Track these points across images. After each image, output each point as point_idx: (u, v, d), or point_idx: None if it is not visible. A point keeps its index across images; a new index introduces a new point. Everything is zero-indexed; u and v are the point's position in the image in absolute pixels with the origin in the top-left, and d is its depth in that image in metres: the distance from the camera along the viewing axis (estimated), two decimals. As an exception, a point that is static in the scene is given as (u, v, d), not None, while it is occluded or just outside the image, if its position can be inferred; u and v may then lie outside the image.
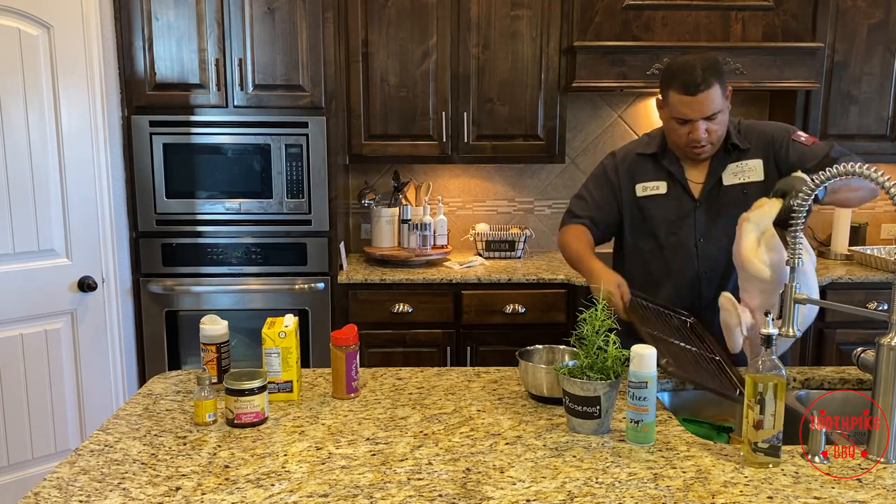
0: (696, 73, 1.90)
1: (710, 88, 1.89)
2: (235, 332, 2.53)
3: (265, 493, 1.30)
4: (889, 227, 3.82)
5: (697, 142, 1.97)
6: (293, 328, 1.74)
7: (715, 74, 1.91)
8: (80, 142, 2.82)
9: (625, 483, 1.33)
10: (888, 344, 1.41)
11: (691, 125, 1.95)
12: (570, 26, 3.28)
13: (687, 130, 1.97)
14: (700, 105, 1.91)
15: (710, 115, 1.93)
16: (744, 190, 2.03)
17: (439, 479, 1.35)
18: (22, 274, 2.73)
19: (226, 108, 3.04)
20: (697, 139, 1.96)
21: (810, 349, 3.23)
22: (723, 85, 1.93)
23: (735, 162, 2.05)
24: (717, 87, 1.90)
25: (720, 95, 1.92)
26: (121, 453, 1.46)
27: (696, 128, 1.95)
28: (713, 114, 1.93)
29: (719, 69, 1.93)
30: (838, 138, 3.40)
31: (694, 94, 1.90)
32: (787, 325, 1.65)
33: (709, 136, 1.96)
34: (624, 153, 2.21)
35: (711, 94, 1.90)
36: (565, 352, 1.78)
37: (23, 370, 2.75)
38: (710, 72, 1.90)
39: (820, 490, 1.31)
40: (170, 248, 3.09)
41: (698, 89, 1.89)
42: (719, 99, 1.92)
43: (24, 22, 2.65)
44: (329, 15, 3.01)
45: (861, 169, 1.47)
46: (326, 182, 3.08)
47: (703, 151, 2.02)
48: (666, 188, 2.11)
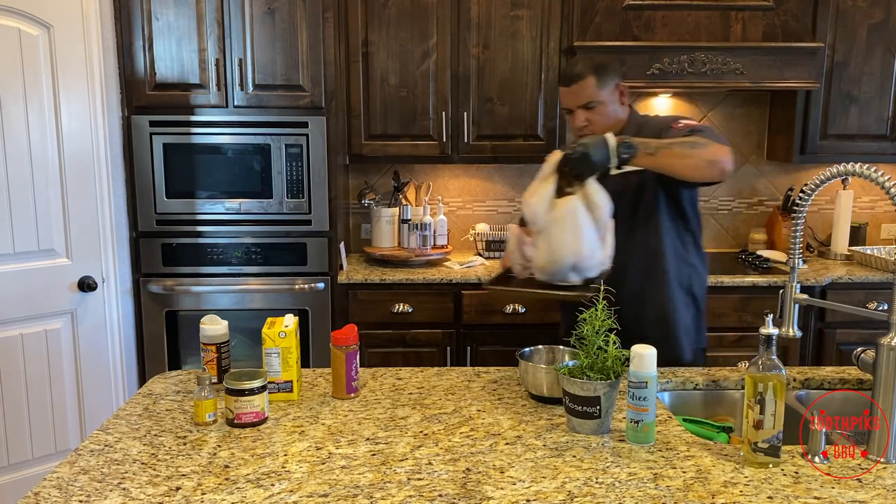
0: (575, 67, 2.11)
1: (583, 79, 2.08)
2: (235, 332, 2.52)
3: (265, 492, 1.30)
4: (889, 227, 3.82)
5: (579, 130, 2.12)
6: (293, 328, 1.74)
7: (593, 69, 2.08)
8: (80, 142, 2.82)
9: (625, 483, 1.33)
10: (888, 344, 1.41)
11: (573, 115, 2.13)
12: (570, 26, 3.28)
13: (572, 119, 2.14)
14: (573, 94, 2.11)
15: (588, 106, 2.10)
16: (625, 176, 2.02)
17: (439, 479, 1.35)
18: (22, 274, 2.73)
19: (226, 108, 3.04)
20: (576, 127, 2.13)
21: (810, 349, 3.23)
22: (603, 80, 2.09)
23: None
24: (591, 79, 2.08)
25: (595, 87, 2.08)
26: (121, 453, 1.46)
27: (575, 116, 2.13)
28: (588, 104, 2.09)
29: (602, 66, 2.10)
30: (838, 138, 3.41)
31: (567, 84, 2.12)
32: (787, 325, 1.65)
33: (590, 125, 2.11)
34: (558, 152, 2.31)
35: (584, 84, 2.08)
36: (565, 352, 1.78)
37: (23, 370, 2.76)
38: (588, 66, 2.09)
39: (820, 490, 1.31)
40: (170, 248, 3.09)
41: (572, 80, 2.10)
42: (593, 90, 2.08)
43: (24, 22, 2.65)
44: (329, 15, 3.01)
45: (861, 169, 1.47)
46: (326, 182, 3.08)
47: None
48: None
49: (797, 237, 1.62)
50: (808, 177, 3.72)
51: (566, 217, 1.82)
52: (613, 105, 2.13)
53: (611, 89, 2.12)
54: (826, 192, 3.71)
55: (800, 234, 1.63)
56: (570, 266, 1.82)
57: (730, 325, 3.18)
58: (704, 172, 1.89)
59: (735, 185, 3.78)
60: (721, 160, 1.86)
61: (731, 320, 3.17)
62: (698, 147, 1.86)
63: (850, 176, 1.49)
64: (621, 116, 2.16)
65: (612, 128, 2.09)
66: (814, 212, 3.79)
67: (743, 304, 3.16)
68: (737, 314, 3.17)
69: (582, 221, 1.82)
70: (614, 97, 2.13)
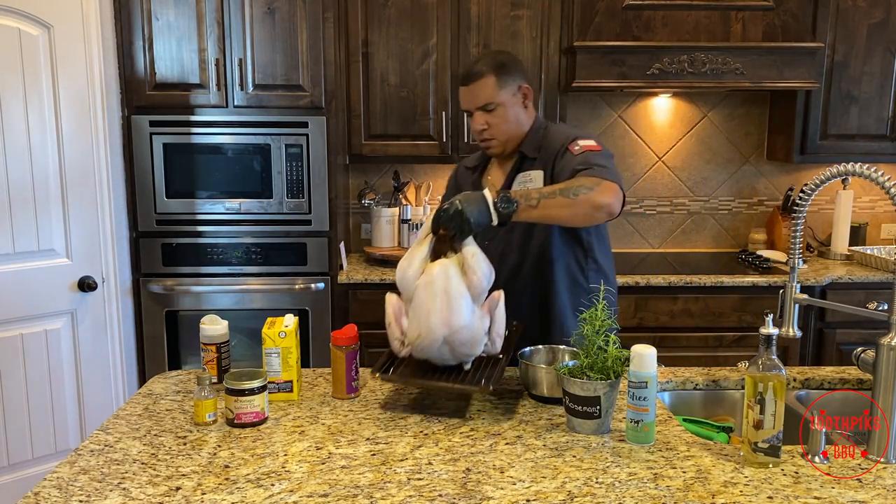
0: (474, 66, 1.96)
1: (481, 79, 1.93)
2: (235, 332, 2.52)
3: (265, 492, 1.30)
4: (889, 227, 3.82)
5: (478, 134, 1.99)
6: (293, 328, 1.74)
7: (493, 68, 1.93)
8: (80, 142, 2.82)
9: (625, 483, 1.33)
10: (888, 344, 1.41)
11: (472, 117, 1.99)
12: (570, 26, 3.28)
13: (472, 122, 2.00)
14: (472, 95, 1.96)
15: (487, 108, 1.95)
16: None
17: (439, 478, 1.35)
18: (22, 274, 2.73)
19: (226, 108, 3.04)
20: (475, 129, 1.99)
21: (810, 349, 3.23)
22: (504, 80, 1.94)
23: (525, 171, 2.00)
24: (491, 78, 1.93)
25: (495, 88, 1.93)
26: (121, 453, 1.46)
27: (474, 119, 1.98)
28: (487, 105, 1.94)
29: (503, 64, 1.95)
30: (838, 138, 3.41)
31: (466, 83, 1.96)
32: (787, 325, 1.65)
33: (490, 129, 1.97)
34: (458, 165, 2.25)
35: (482, 84, 1.93)
36: (565, 352, 1.78)
37: (23, 370, 2.75)
38: (488, 65, 1.94)
39: (820, 490, 1.31)
40: (170, 248, 3.09)
41: (471, 79, 1.95)
42: (492, 91, 1.93)
43: (24, 22, 2.65)
44: (329, 15, 3.01)
45: (861, 169, 1.47)
46: (326, 182, 3.08)
47: (490, 146, 2.01)
48: None
49: (797, 237, 1.62)
50: (808, 177, 3.72)
51: (435, 281, 1.60)
52: (515, 108, 1.98)
53: (512, 91, 1.97)
54: (826, 192, 3.71)
55: (800, 234, 1.63)
56: (442, 339, 1.59)
57: (730, 325, 3.18)
58: (590, 219, 1.79)
59: (735, 185, 3.78)
60: (607, 203, 1.72)
61: (731, 320, 3.18)
62: (583, 192, 1.72)
63: (850, 176, 1.49)
64: (524, 122, 2.01)
65: (513, 133, 1.99)
66: (814, 212, 3.79)
67: (743, 304, 3.16)
68: (737, 314, 3.17)
69: (453, 286, 1.60)
70: (516, 100, 1.98)
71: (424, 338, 1.60)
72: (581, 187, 1.73)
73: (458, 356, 1.65)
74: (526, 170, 2.00)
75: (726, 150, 3.75)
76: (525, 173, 1.99)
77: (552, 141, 1.97)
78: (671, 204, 3.79)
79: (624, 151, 3.72)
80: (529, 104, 2.02)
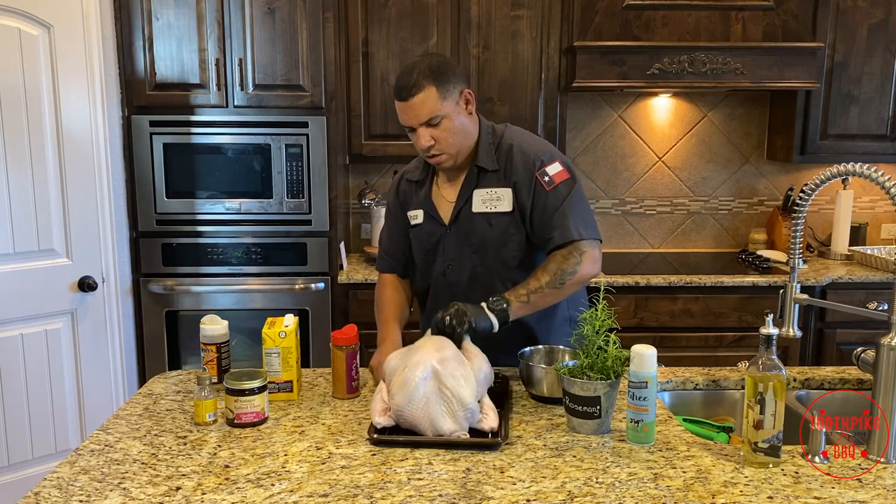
0: (409, 77, 1.77)
1: (421, 91, 1.75)
2: (235, 332, 2.52)
3: (265, 492, 1.30)
4: (889, 227, 3.82)
5: (425, 151, 1.83)
6: (293, 328, 1.74)
7: (431, 77, 1.76)
8: (80, 142, 2.82)
9: (625, 483, 1.33)
10: (888, 344, 1.42)
11: (416, 134, 1.81)
12: (570, 26, 3.28)
13: (416, 139, 1.82)
14: (412, 110, 1.78)
15: (431, 122, 1.78)
16: (490, 221, 1.87)
17: (439, 478, 1.35)
18: (22, 274, 2.73)
19: (226, 108, 3.04)
20: (422, 147, 1.82)
21: (810, 349, 3.23)
22: (445, 88, 1.77)
23: (485, 186, 1.88)
24: (431, 90, 1.76)
25: (437, 99, 1.76)
26: (121, 453, 1.46)
27: (417, 135, 1.80)
28: (431, 119, 1.78)
29: (441, 72, 1.78)
30: (838, 138, 3.41)
31: (405, 98, 1.77)
32: (787, 325, 1.65)
33: (438, 144, 1.80)
34: (399, 176, 2.07)
35: (423, 97, 1.76)
36: (565, 352, 1.78)
37: (23, 370, 2.75)
38: (425, 74, 1.76)
39: (820, 490, 1.31)
40: (170, 248, 3.09)
41: (409, 93, 1.76)
42: (435, 103, 1.76)
43: (24, 22, 2.65)
44: (329, 15, 3.01)
45: (861, 169, 1.47)
46: (326, 182, 3.07)
47: (440, 161, 1.85)
48: (423, 216, 1.96)
49: (797, 237, 1.62)
50: (808, 177, 3.72)
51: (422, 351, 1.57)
52: (461, 118, 1.82)
53: (455, 99, 1.80)
54: (826, 192, 3.71)
55: (800, 234, 1.63)
56: (431, 370, 1.53)
57: (730, 325, 3.18)
58: (579, 289, 1.86)
59: (735, 185, 3.78)
60: (592, 275, 1.79)
61: (731, 320, 3.18)
62: (568, 277, 1.75)
63: (850, 176, 1.49)
64: (471, 130, 1.86)
65: (462, 145, 1.85)
66: (814, 212, 3.78)
67: (743, 304, 3.16)
68: (737, 314, 3.17)
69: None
70: (460, 108, 1.82)
71: (412, 368, 1.50)
72: (564, 274, 1.76)
73: (447, 405, 1.49)
74: (486, 185, 1.88)
75: (726, 150, 3.75)
76: (490, 190, 1.87)
77: (514, 158, 1.86)
78: (671, 204, 3.79)
79: (624, 151, 3.72)
80: (473, 109, 1.86)
